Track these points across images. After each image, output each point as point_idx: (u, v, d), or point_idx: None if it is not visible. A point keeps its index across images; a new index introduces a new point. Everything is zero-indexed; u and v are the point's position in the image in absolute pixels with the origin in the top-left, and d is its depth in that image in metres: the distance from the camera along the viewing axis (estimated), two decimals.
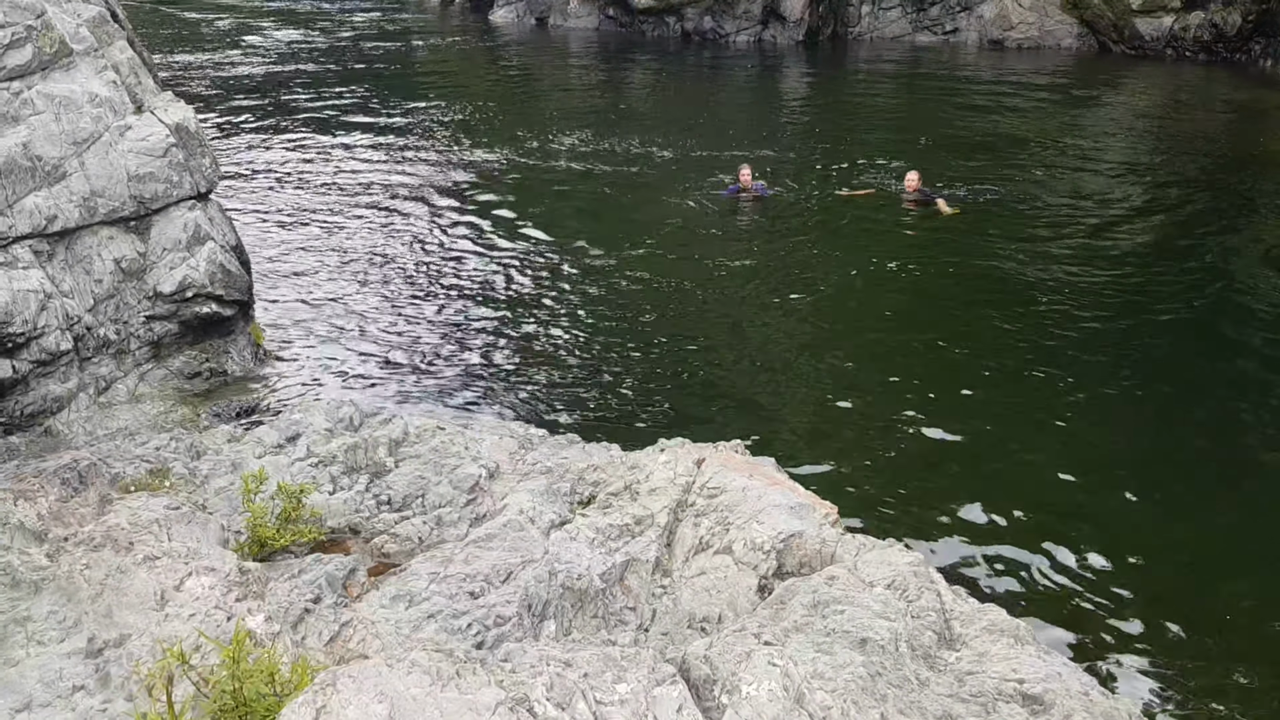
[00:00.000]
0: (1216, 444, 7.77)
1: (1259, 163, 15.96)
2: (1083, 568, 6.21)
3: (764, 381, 8.63)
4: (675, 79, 23.46)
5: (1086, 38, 25.23)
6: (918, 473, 7.18)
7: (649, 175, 14.97)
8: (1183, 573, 6.25)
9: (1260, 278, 11.25)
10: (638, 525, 5.21)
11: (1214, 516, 6.84)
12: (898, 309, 10.12)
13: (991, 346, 9.26)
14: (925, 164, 15.13)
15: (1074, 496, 6.98)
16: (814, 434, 7.73)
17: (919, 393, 8.34)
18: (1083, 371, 8.78)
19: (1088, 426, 7.91)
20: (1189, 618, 5.80)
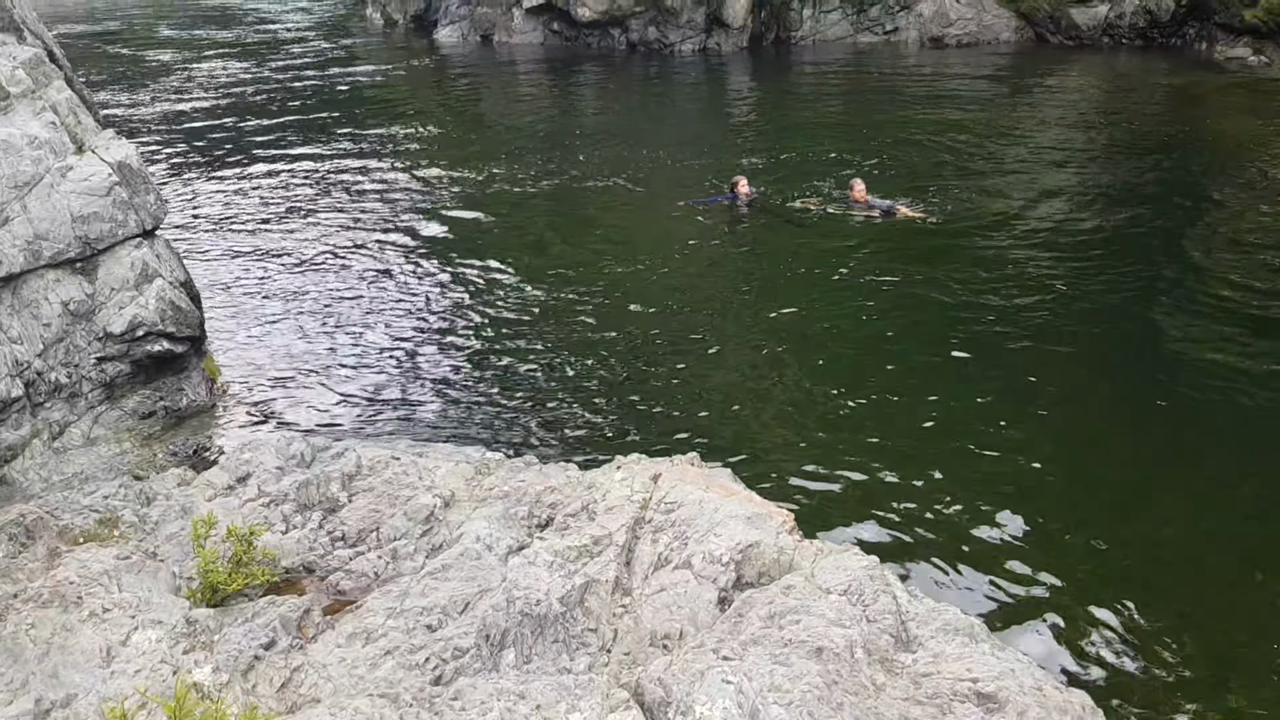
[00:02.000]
0: (1171, 436, 7.86)
1: (1203, 144, 16.24)
2: (1034, 563, 6.27)
3: (718, 392, 8.65)
4: (624, 90, 23.54)
5: (1024, 30, 25.58)
6: (875, 475, 7.22)
7: (603, 190, 14.99)
8: (1134, 565, 6.32)
9: (1212, 257, 11.44)
10: (596, 545, 5.21)
11: (1166, 509, 6.92)
12: (851, 316, 10.17)
13: (944, 348, 9.31)
14: (876, 165, 15.26)
15: (1028, 493, 7.04)
16: (769, 442, 7.76)
17: (874, 396, 8.40)
18: (1039, 368, 8.86)
19: (1044, 424, 7.98)
20: (1140, 608, 5.87)
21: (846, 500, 6.95)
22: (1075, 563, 6.28)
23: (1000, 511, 6.77)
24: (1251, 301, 10.16)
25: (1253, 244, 11.74)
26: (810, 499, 6.92)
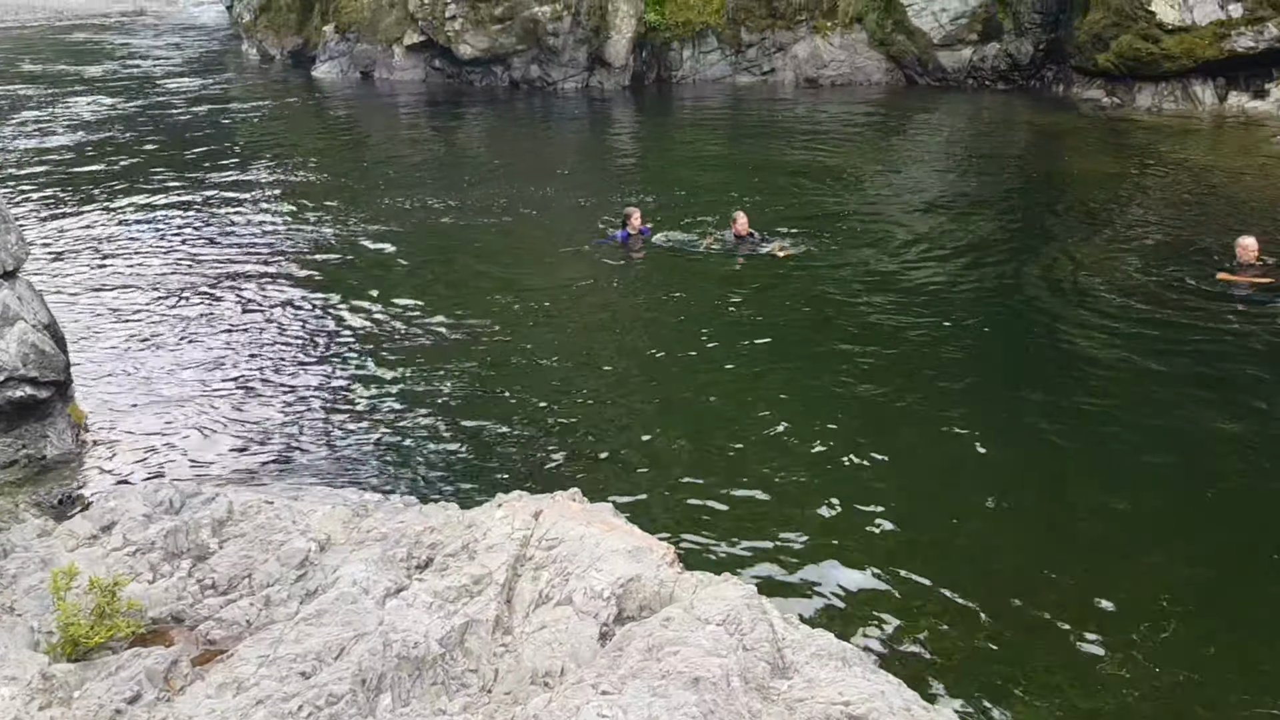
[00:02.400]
0: (1041, 458, 8.18)
1: (1062, 180, 17.06)
2: (905, 586, 6.46)
3: (601, 428, 8.70)
4: (508, 128, 23.60)
5: (894, 72, 26.54)
6: (755, 505, 7.35)
7: (488, 228, 14.97)
8: (1005, 587, 6.55)
9: (1069, 286, 12.01)
10: (476, 585, 5.18)
11: (1036, 532, 7.20)
12: (732, 350, 10.32)
13: (822, 379, 9.55)
14: (758, 201, 15.56)
15: (903, 518, 7.25)
16: (651, 476, 7.83)
17: (754, 427, 8.55)
18: (914, 394, 9.16)
19: (918, 449, 8.23)
20: (1008, 629, 6.09)
21: (727, 530, 7.05)
22: (947, 585, 6.48)
23: (875, 536, 6.96)
24: (1105, 324, 10.71)
25: (1105, 272, 12.37)
26: (692, 531, 7.00)
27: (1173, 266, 12.40)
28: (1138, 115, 21.54)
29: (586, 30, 27.16)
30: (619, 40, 27.20)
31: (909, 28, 25.66)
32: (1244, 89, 21.25)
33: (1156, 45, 21.39)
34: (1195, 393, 9.19)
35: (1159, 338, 10.35)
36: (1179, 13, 21.03)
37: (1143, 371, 9.62)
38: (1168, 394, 9.16)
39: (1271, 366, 9.62)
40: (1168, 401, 9.01)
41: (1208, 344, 10.14)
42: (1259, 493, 7.56)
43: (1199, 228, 13.96)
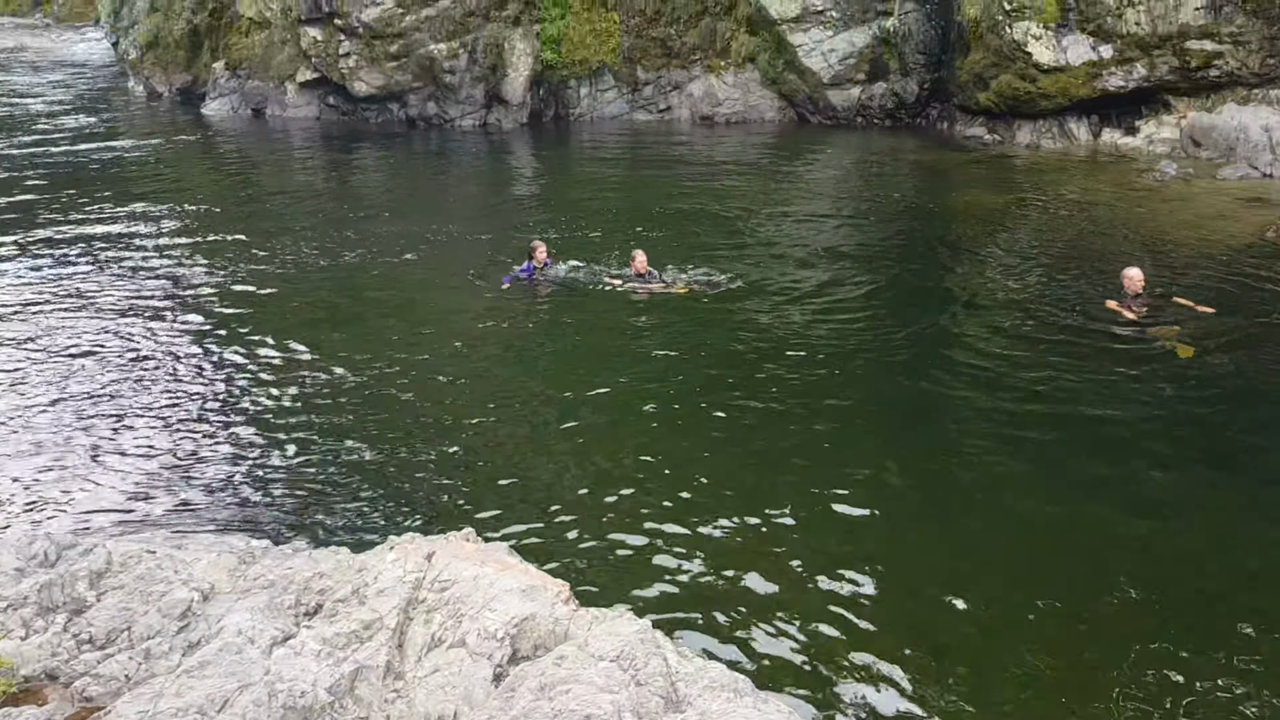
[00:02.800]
0: (932, 488, 8.38)
1: (949, 215, 17.62)
2: (795, 613, 6.55)
3: (496, 468, 8.65)
4: (405, 165, 23.45)
5: (786, 110, 27.17)
6: (650, 539, 7.37)
7: (385, 268, 14.82)
8: (898, 606, 6.69)
9: (958, 317, 12.39)
10: (367, 630, 5.09)
11: (928, 553, 7.37)
12: (628, 387, 10.37)
13: (717, 411, 9.65)
14: (657, 238, 15.72)
15: (794, 547, 7.35)
16: (546, 514, 7.80)
17: (650, 464, 8.59)
18: (803, 425, 9.32)
19: (810, 478, 8.36)
20: (909, 646, 6.22)
21: (624, 565, 7.07)
22: (842, 611, 6.58)
23: (771, 566, 7.04)
24: (993, 351, 11.06)
25: (992, 303, 12.80)
26: (589, 567, 7.00)
27: (1056, 296, 12.89)
28: (1018, 151, 22.41)
29: (483, 68, 27.24)
30: (516, 78, 27.34)
31: (800, 67, 26.31)
32: (1116, 126, 22.28)
33: (1034, 85, 22.31)
34: (1080, 413, 9.52)
35: (1046, 365, 10.71)
36: (1054, 54, 21.97)
37: (1033, 397, 9.94)
38: (1055, 422, 9.45)
39: (1148, 391, 10.03)
40: (1057, 430, 9.30)
41: (1090, 370, 10.52)
42: (1134, 514, 7.86)
43: (1079, 259, 14.55)
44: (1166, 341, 11.24)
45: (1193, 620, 6.51)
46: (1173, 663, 6.09)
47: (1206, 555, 7.30)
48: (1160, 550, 7.35)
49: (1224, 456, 8.78)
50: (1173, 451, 8.85)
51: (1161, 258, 14.45)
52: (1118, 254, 14.63)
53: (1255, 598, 6.75)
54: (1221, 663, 6.09)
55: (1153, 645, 6.26)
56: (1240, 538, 7.50)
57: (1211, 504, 7.97)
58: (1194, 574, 7.06)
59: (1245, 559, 7.22)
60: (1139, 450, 8.81)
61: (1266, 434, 9.08)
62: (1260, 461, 8.63)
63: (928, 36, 25.66)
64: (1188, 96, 21.56)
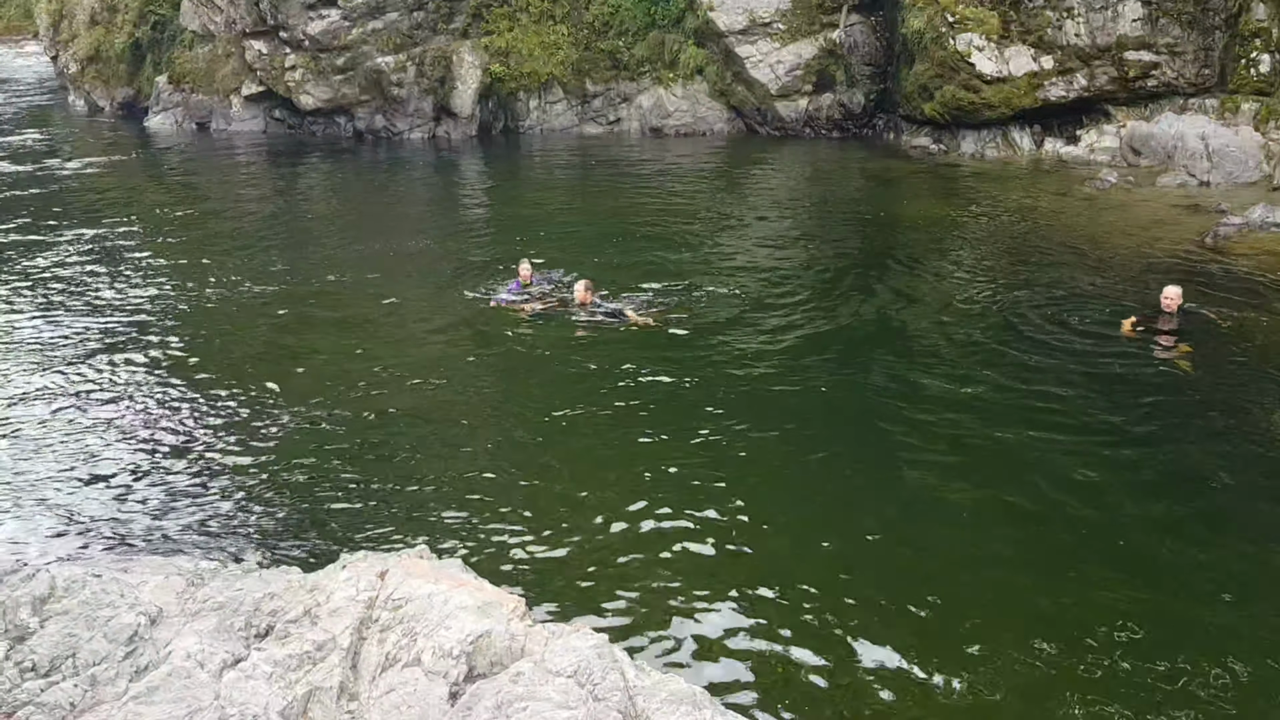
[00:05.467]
0: (882, 493, 8.43)
1: (897, 224, 17.80)
2: (758, 625, 6.57)
3: (449, 485, 8.56)
4: (355, 180, 23.23)
5: (735, 121, 27.31)
6: (607, 554, 7.35)
7: (337, 285, 14.63)
8: (851, 616, 6.72)
9: (908, 327, 12.51)
10: (319, 651, 5.02)
11: (883, 563, 7.40)
12: (580, 405, 10.21)
13: (665, 427, 9.60)
14: (608, 258, 15.52)
15: (749, 558, 7.37)
16: (501, 529, 7.75)
17: (605, 482, 8.52)
18: (754, 439, 9.33)
19: (761, 491, 8.36)
20: (861, 657, 6.25)
21: (580, 579, 7.03)
22: (796, 621, 6.60)
23: (724, 577, 7.05)
24: (943, 354, 11.19)
25: (941, 310, 12.95)
26: (545, 582, 6.96)
27: (1003, 303, 13.07)
28: (963, 161, 22.71)
29: (431, 81, 27.10)
30: (464, 91, 27.23)
31: (747, 79, 26.47)
32: (1058, 135, 22.66)
33: (977, 95, 22.63)
34: (1033, 418, 9.65)
35: (993, 369, 10.85)
36: (996, 65, 22.32)
37: (980, 405, 10.05)
38: (1008, 425, 9.57)
39: (1109, 394, 10.19)
40: (1007, 433, 9.42)
41: (1042, 381, 10.66)
42: (1097, 512, 7.97)
43: (1024, 267, 14.77)
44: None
45: (1153, 608, 6.62)
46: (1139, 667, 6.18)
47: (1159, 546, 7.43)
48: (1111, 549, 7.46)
49: (1179, 458, 8.93)
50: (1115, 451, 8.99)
51: (1103, 265, 14.71)
52: (1060, 261, 14.87)
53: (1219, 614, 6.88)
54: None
55: (1117, 643, 6.35)
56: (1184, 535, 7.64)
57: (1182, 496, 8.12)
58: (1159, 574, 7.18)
59: (1192, 557, 7.36)
60: (1079, 450, 8.94)
61: (1221, 441, 9.26)
62: (1219, 469, 8.79)
63: (873, 48, 25.94)
64: (1127, 106, 22.00)
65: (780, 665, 6.14)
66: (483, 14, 27.66)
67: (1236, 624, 6.60)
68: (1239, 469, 8.65)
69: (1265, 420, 9.52)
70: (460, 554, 6.69)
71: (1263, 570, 7.20)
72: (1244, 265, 14.55)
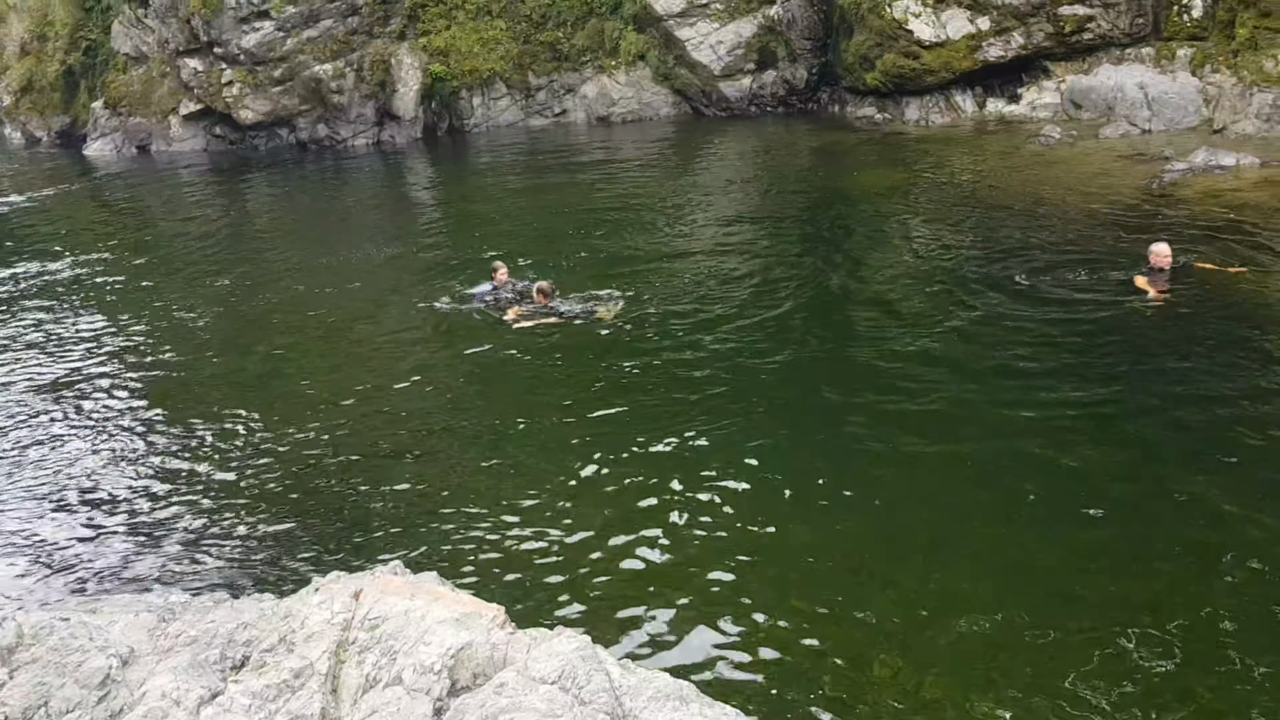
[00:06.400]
0: (855, 470, 8.42)
1: (849, 196, 17.85)
2: (738, 615, 6.56)
3: (422, 495, 8.45)
4: (302, 191, 23.01)
5: (681, 105, 27.29)
6: (584, 554, 7.30)
7: (292, 299, 14.44)
8: (831, 600, 6.72)
9: (869, 297, 12.54)
10: (298, 679, 4.94)
11: (862, 543, 7.38)
12: (547, 407, 10.11)
13: (636, 425, 9.45)
14: (568, 254, 15.26)
15: (726, 548, 7.34)
16: (475, 538, 7.66)
17: (575, 484, 8.41)
18: (722, 424, 9.26)
19: (732, 481, 8.26)
20: (845, 639, 6.25)
21: (559, 583, 6.98)
22: (775, 609, 6.59)
23: (702, 570, 7.03)
24: (899, 326, 11.22)
25: (901, 277, 13.00)
26: (523, 590, 6.91)
27: (959, 266, 13.12)
28: (908, 128, 22.81)
29: (372, 85, 26.86)
30: (406, 93, 27.01)
31: (690, 62, 26.44)
32: (1000, 95, 22.81)
33: (918, 61, 22.73)
34: (999, 383, 9.69)
35: (955, 334, 10.89)
36: (934, 29, 22.41)
37: (947, 367, 10.07)
38: (975, 391, 9.57)
39: (1070, 355, 10.25)
40: (973, 398, 9.45)
41: (1003, 337, 10.71)
42: (1062, 475, 8.02)
43: (980, 228, 14.84)
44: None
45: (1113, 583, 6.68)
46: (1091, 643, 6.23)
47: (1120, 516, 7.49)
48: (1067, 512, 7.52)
49: (1149, 408, 8.99)
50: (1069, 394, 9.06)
51: (1055, 220, 14.82)
52: (1013, 221, 14.96)
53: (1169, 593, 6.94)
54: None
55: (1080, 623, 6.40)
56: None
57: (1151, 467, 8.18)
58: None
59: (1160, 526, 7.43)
60: (1044, 411, 9.00)
61: (1185, 382, 9.34)
62: (1193, 423, 8.86)
63: (812, 22, 25.99)
64: (1065, 61, 22.17)
65: (765, 652, 6.13)
66: (419, 15, 27.43)
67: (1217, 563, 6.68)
68: (1212, 406, 8.74)
69: (1236, 361, 9.62)
70: (437, 568, 6.60)
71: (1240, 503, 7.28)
72: (1192, 209, 14.72)
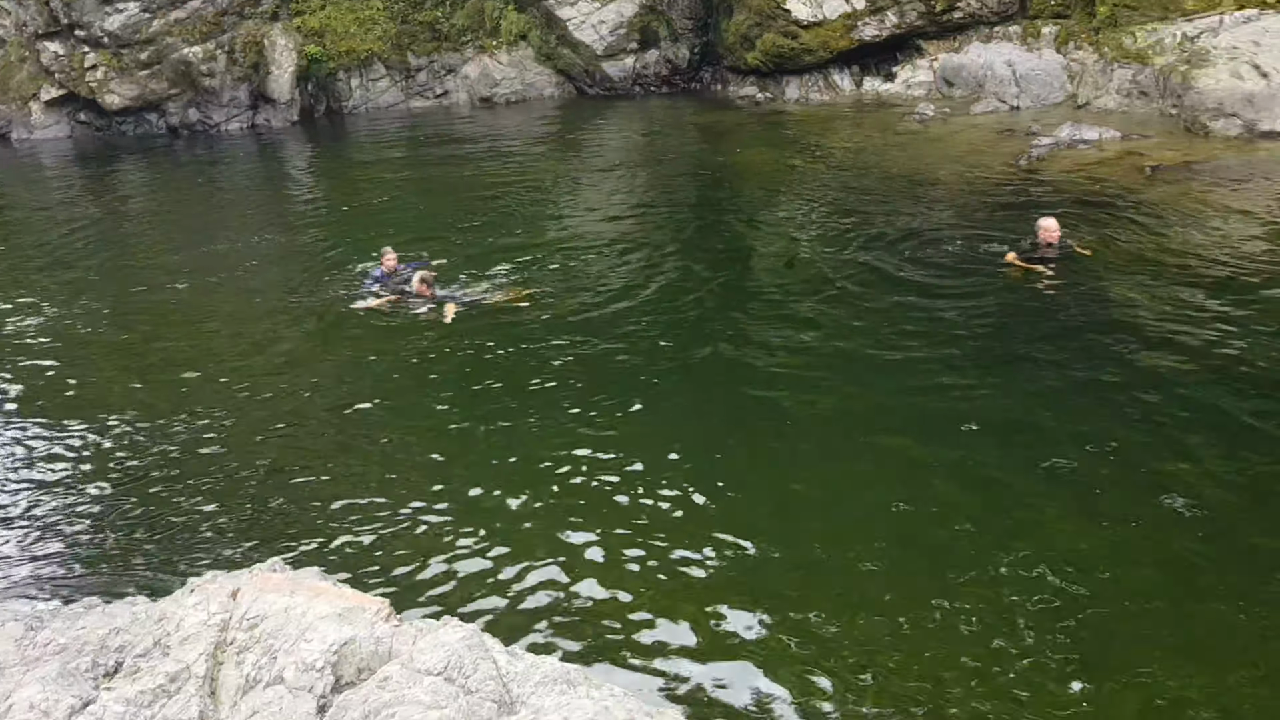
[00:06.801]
0: (740, 451, 8.52)
1: (733, 176, 18.00)
2: (627, 596, 6.60)
3: (300, 490, 8.24)
4: (174, 178, 22.13)
5: (565, 85, 27.14)
6: (470, 542, 7.24)
7: (168, 292, 13.87)
8: (721, 576, 6.82)
9: (755, 280, 12.71)
10: (174, 683, 4.81)
11: (748, 521, 7.48)
12: (429, 396, 9.96)
13: (520, 412, 9.37)
14: (456, 241, 14.91)
15: (612, 527, 7.38)
16: (357, 530, 7.53)
17: (461, 471, 8.34)
18: (625, 409, 9.24)
19: (619, 463, 8.28)
20: (729, 617, 6.34)
21: (445, 573, 6.92)
22: (664, 589, 6.66)
23: (588, 550, 7.05)
24: (792, 303, 11.41)
25: (782, 256, 13.20)
26: (409, 580, 6.83)
27: (842, 243, 13.38)
28: (789, 107, 23.12)
29: (244, 67, 26.03)
30: (280, 75, 26.24)
31: (572, 41, 26.31)
32: (876, 74, 23.28)
33: (796, 41, 23.04)
34: (887, 354, 9.90)
35: (838, 308, 11.12)
36: (811, 9, 22.74)
37: (828, 351, 10.25)
38: (852, 374, 9.77)
39: (949, 329, 10.54)
40: (853, 381, 9.65)
41: (884, 313, 10.96)
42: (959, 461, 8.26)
43: (859, 204, 15.15)
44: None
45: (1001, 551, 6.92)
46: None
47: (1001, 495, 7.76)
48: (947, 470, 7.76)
49: (1016, 359, 9.32)
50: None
51: (932, 197, 15.23)
52: (892, 198, 15.32)
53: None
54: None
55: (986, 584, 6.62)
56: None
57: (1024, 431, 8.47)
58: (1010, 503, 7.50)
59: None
60: (933, 374, 9.27)
61: (1065, 346, 9.69)
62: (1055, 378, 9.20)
63: (692, 1, 26.10)
64: (937, 40, 22.73)
65: (654, 634, 6.17)
66: None
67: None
68: (1075, 379, 9.11)
69: (1109, 327, 10.04)
70: (319, 563, 6.49)
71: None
72: (1059, 181, 15.28)
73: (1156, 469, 7.56)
